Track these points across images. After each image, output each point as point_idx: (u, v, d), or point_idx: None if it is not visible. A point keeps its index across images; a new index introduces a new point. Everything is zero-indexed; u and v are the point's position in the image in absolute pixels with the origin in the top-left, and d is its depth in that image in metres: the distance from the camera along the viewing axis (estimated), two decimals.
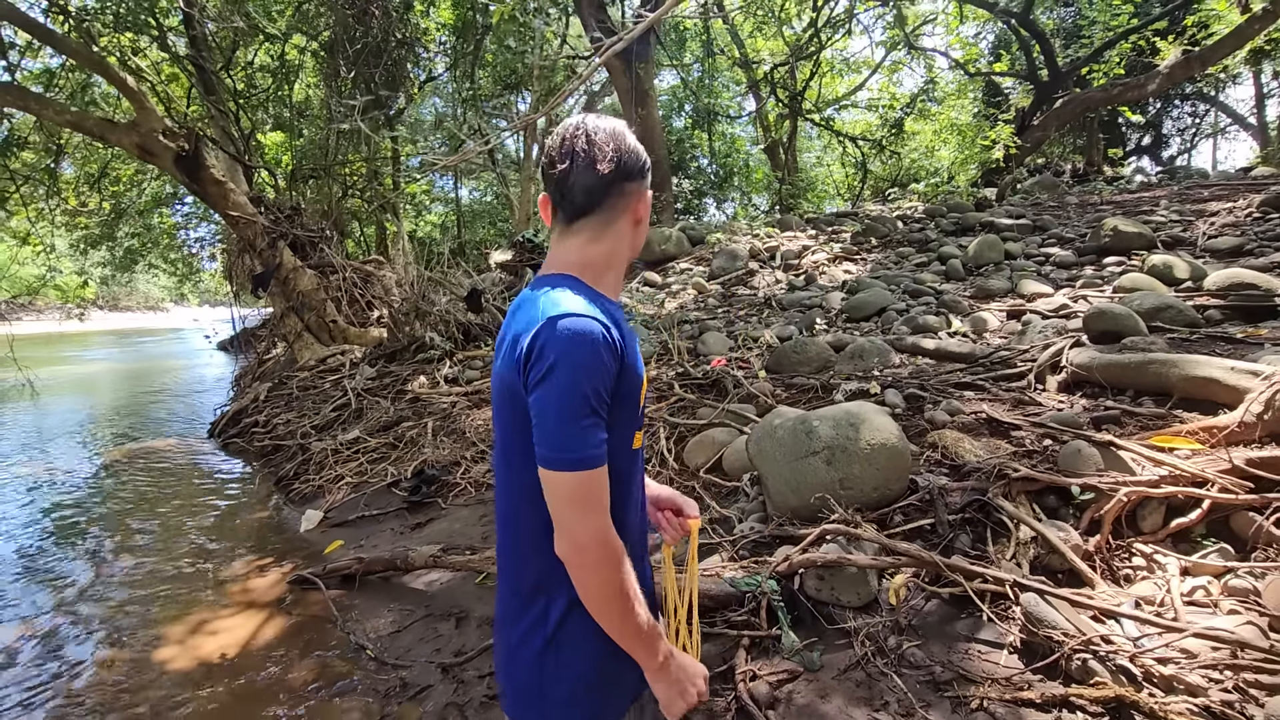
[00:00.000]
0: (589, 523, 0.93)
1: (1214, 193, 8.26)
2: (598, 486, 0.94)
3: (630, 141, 1.10)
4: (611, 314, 1.03)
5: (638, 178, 1.11)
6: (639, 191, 1.12)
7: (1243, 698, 1.75)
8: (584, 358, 0.92)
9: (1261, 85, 18.31)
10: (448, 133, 13.04)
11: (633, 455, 1.10)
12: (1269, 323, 3.80)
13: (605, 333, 0.95)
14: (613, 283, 1.13)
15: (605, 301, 1.07)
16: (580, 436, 0.92)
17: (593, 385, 0.93)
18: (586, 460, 0.92)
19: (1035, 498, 2.65)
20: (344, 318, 9.13)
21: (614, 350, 0.96)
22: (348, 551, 3.84)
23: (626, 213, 1.11)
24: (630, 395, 1.03)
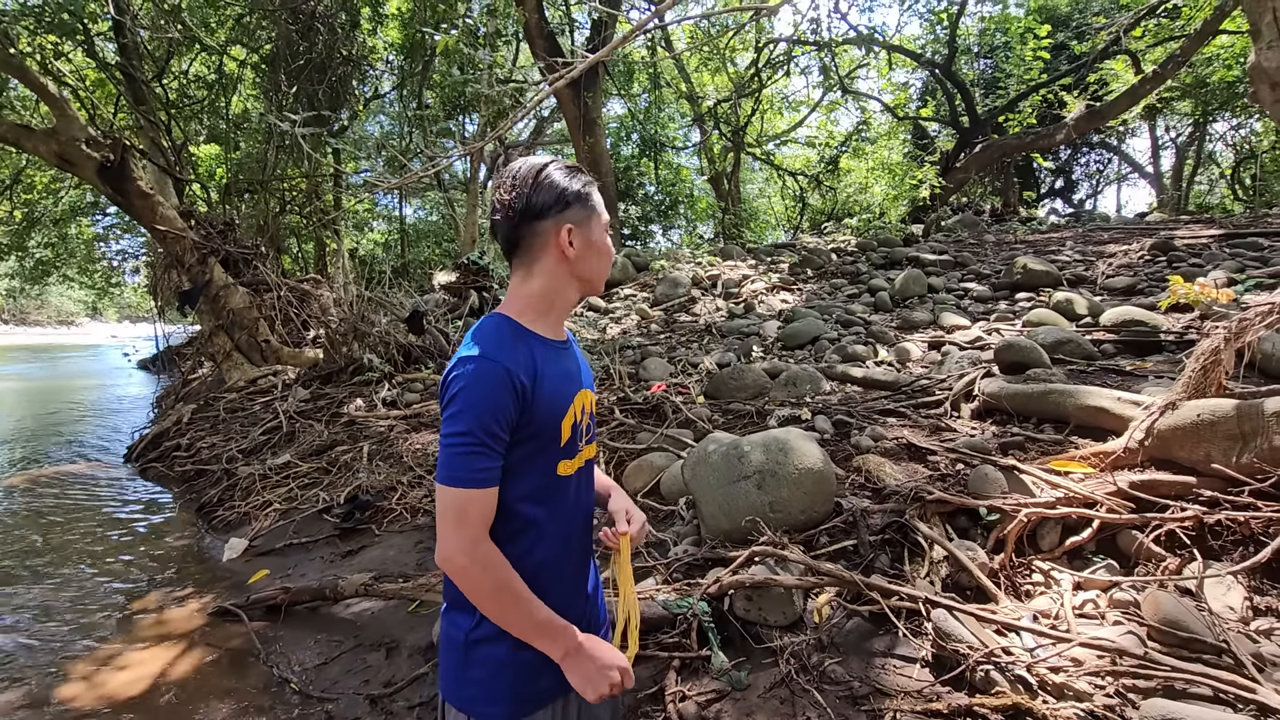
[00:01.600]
0: (455, 537, 1.06)
1: (1113, 236, 9.00)
2: (473, 506, 1.06)
3: (542, 179, 1.15)
4: (530, 356, 1.12)
5: (550, 214, 1.15)
6: (555, 228, 1.16)
7: (1122, 701, 1.92)
8: (479, 396, 1.05)
9: (1156, 138, 20.08)
10: (393, 152, 12.89)
11: (561, 482, 1.19)
12: (1154, 357, 4.18)
13: (507, 376, 1.06)
14: (554, 320, 1.22)
15: (534, 341, 1.15)
16: (464, 460, 1.05)
17: (483, 422, 1.05)
18: (464, 481, 1.05)
19: (948, 519, 2.82)
20: (277, 337, 8.84)
21: (516, 392, 1.07)
22: (274, 581, 3.71)
23: (547, 250, 1.16)
24: (547, 428, 1.13)
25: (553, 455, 1.16)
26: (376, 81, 16.06)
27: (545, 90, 4.42)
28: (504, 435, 1.08)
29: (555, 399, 1.14)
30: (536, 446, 1.13)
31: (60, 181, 14.56)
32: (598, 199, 1.23)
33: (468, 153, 8.91)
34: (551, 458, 1.16)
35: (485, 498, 1.07)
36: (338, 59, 12.15)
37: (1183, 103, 15.98)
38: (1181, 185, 18.34)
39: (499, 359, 1.07)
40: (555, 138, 20.79)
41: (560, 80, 3.29)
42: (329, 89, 12.13)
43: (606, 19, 11.75)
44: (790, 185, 18.10)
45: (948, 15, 13.20)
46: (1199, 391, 2.73)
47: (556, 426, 1.15)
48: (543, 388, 1.12)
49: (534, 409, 1.10)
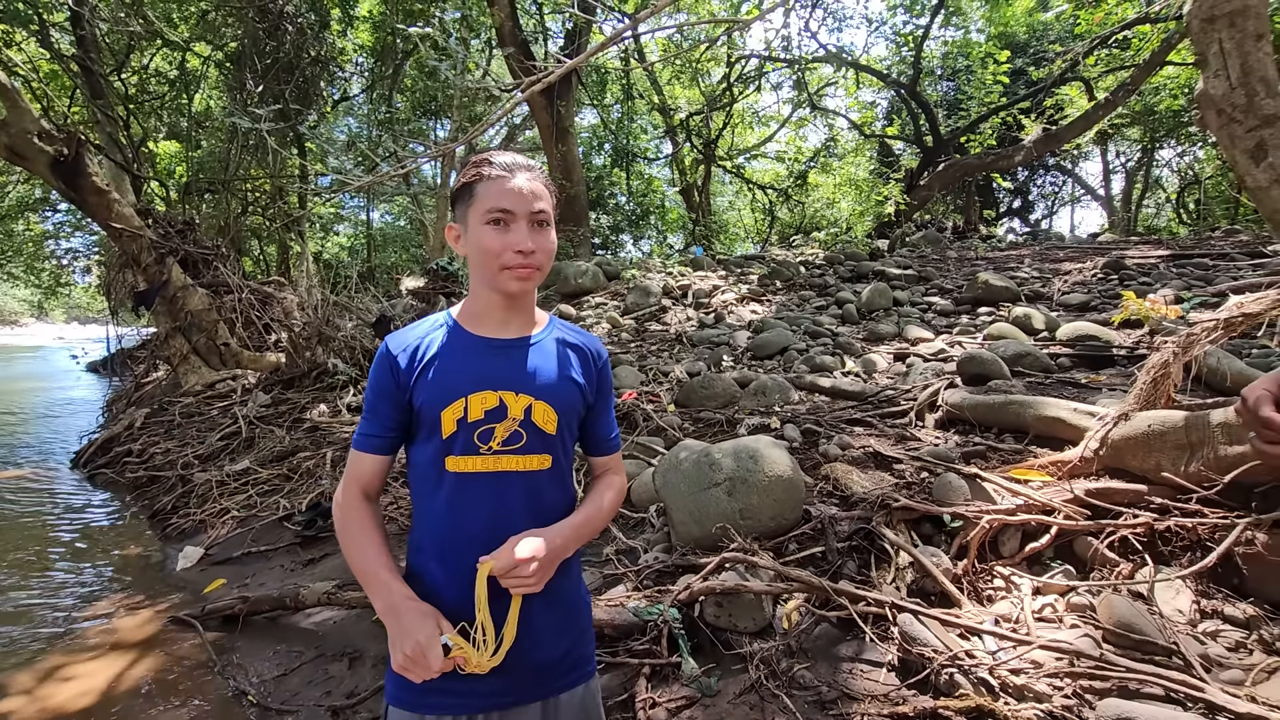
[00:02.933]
0: (339, 488, 1.22)
1: (1068, 254, 9.34)
2: (351, 464, 1.21)
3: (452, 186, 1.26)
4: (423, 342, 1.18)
5: (452, 213, 1.23)
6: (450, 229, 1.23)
7: (1080, 701, 1.98)
8: (372, 369, 1.21)
9: (1108, 162, 20.95)
10: (361, 154, 12.70)
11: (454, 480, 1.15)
12: (1107, 370, 4.35)
13: (386, 354, 1.18)
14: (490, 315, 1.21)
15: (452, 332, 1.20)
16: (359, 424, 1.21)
17: (369, 390, 1.20)
18: (354, 441, 1.21)
19: (913, 525, 2.88)
20: (238, 340, 8.60)
21: (390, 370, 1.17)
22: (231, 590, 3.59)
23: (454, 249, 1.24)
24: (425, 414, 1.16)
25: (438, 446, 1.16)
26: (345, 83, 15.83)
27: (519, 96, 4.42)
28: (384, 409, 1.18)
29: (439, 386, 1.14)
30: (422, 434, 1.19)
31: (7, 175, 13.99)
32: (482, 188, 1.12)
33: (437, 155, 8.84)
34: (437, 449, 1.16)
35: (359, 459, 1.20)
36: (306, 59, 11.95)
37: (1132, 129, 16.73)
38: (1131, 208, 19.16)
39: (388, 342, 1.19)
40: (527, 145, 20.75)
41: (534, 85, 3.29)
42: (296, 89, 11.91)
43: (581, 27, 11.81)
44: (760, 198, 18.36)
45: (913, 38, 13.61)
46: (1149, 403, 2.84)
47: (435, 415, 1.14)
48: (427, 372, 1.16)
49: (414, 390, 1.16)
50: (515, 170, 1.14)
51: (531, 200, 1.13)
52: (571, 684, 1.26)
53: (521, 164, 1.16)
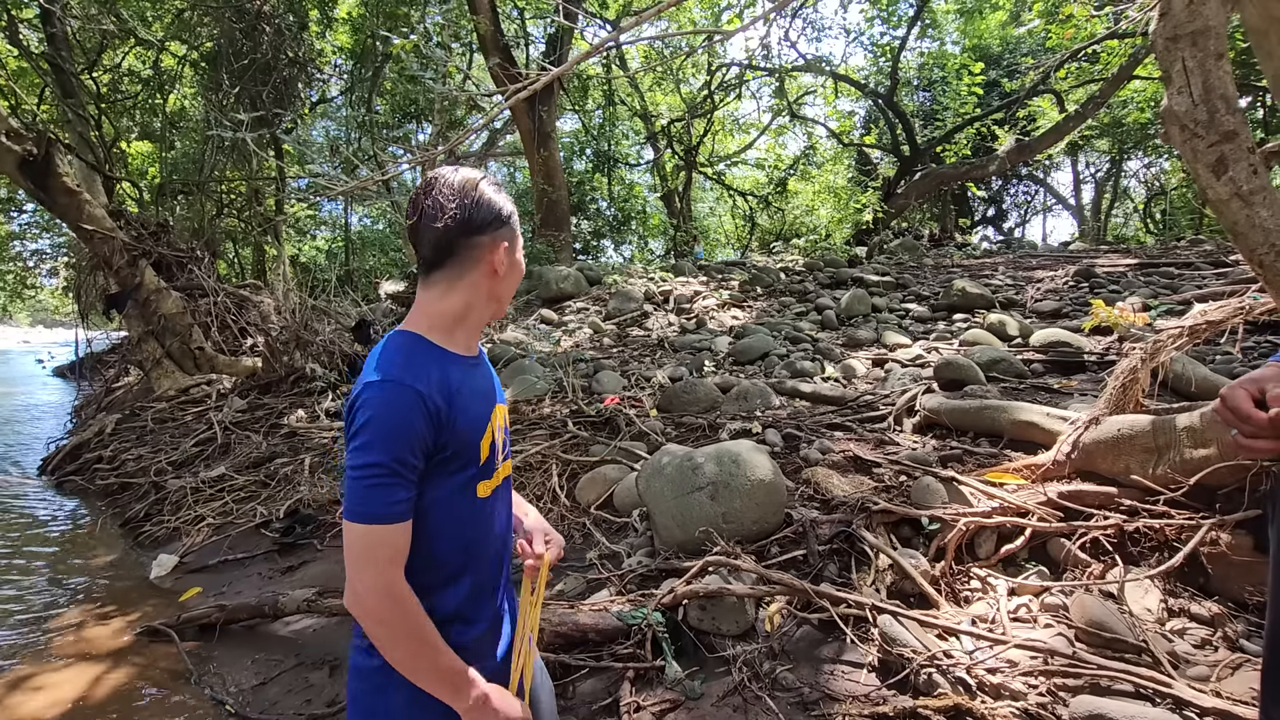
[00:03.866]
0: (369, 577, 0.98)
1: (1040, 262, 9.56)
2: (387, 542, 0.99)
3: (479, 194, 1.12)
4: (444, 375, 1.07)
5: (489, 230, 1.12)
6: (491, 244, 1.13)
7: (1054, 699, 2.03)
8: (391, 424, 0.99)
9: (1078, 173, 21.47)
10: (341, 157, 12.58)
11: (478, 504, 1.15)
12: (1078, 375, 4.46)
13: (419, 400, 1.01)
14: (464, 337, 1.16)
15: (446, 360, 1.10)
16: (374, 493, 0.98)
17: (395, 451, 0.98)
18: (375, 516, 0.98)
19: (892, 528, 2.93)
20: (213, 345, 8.46)
21: (430, 416, 1.02)
22: (207, 599, 3.53)
23: (479, 265, 1.13)
24: (464, 451, 1.09)
25: (472, 476, 1.12)
26: (324, 85, 15.69)
27: (502, 104, 4.43)
28: (418, 463, 1.02)
29: (473, 417, 1.11)
30: (456, 468, 1.09)
31: None
32: (517, 222, 1.22)
33: (421, 162, 8.80)
34: (471, 479, 1.12)
35: (397, 533, 1.00)
36: (284, 60, 11.82)
37: (1101, 141, 17.18)
38: (1100, 217, 19.64)
39: (409, 382, 1.01)
40: (508, 150, 20.71)
41: (518, 94, 3.31)
42: (274, 91, 11.77)
43: (564, 33, 11.84)
44: (740, 205, 18.52)
45: (890, 49, 13.86)
46: (1119, 408, 2.93)
47: (476, 446, 1.11)
48: (459, 407, 1.07)
49: (452, 430, 1.06)
50: None
51: None
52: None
53: None
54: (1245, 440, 0.99)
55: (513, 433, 4.81)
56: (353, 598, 1.00)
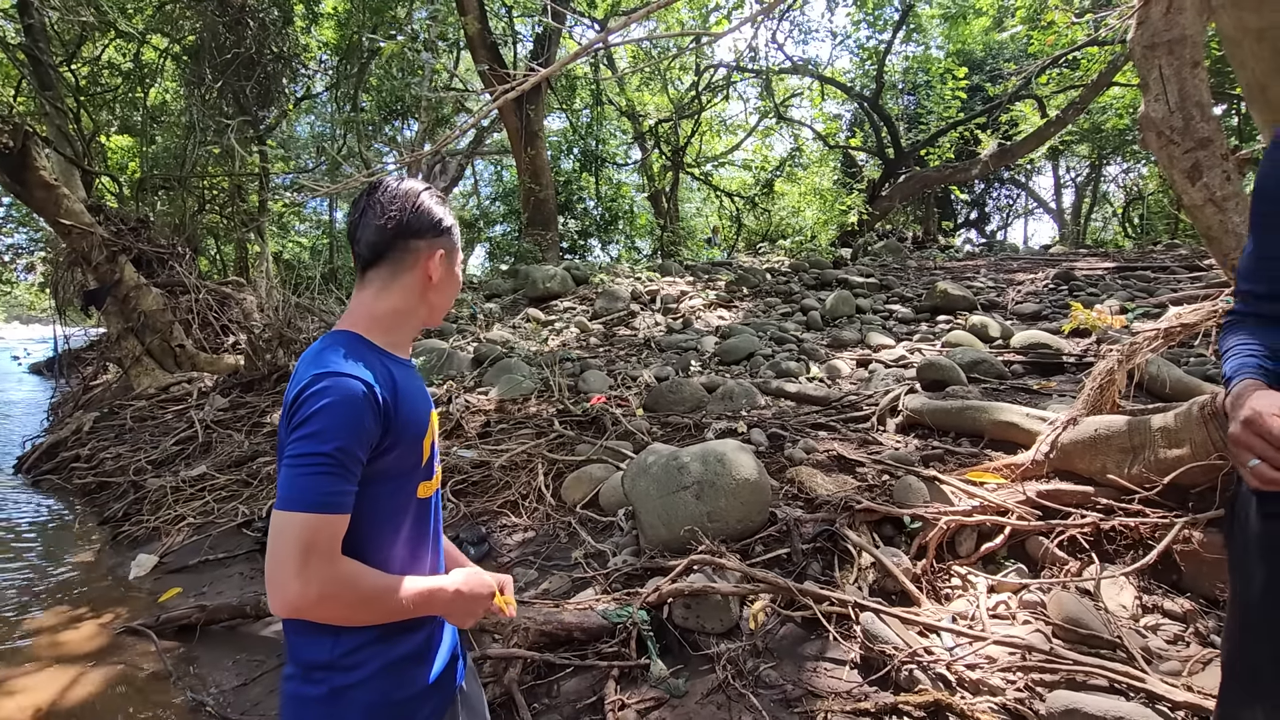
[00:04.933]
0: (306, 569, 0.93)
1: (1021, 265, 9.70)
2: (331, 533, 0.97)
3: (421, 202, 1.15)
4: (387, 372, 1.08)
5: (426, 235, 1.14)
6: (428, 250, 1.14)
7: (1031, 694, 2.07)
8: (342, 415, 0.97)
9: (1059, 177, 21.79)
10: (326, 155, 12.48)
11: (420, 505, 1.17)
12: (1057, 376, 4.54)
13: (367, 393, 1.00)
14: (399, 340, 1.17)
15: (385, 358, 1.11)
16: (317, 481, 0.95)
17: (345, 443, 0.97)
18: (316, 504, 0.95)
19: (875, 527, 2.96)
20: (194, 342, 8.35)
21: (378, 411, 1.01)
22: (187, 599, 3.49)
23: (414, 269, 1.15)
24: (407, 450, 1.09)
25: (414, 477, 1.13)
26: (309, 81, 15.53)
27: (490, 103, 4.42)
28: (362, 457, 1.01)
29: (416, 416, 1.12)
30: (399, 466, 1.08)
31: None
32: (457, 233, 1.24)
33: (408, 162, 8.74)
34: (413, 479, 1.13)
35: (336, 523, 0.97)
36: (268, 55, 11.69)
37: (1081, 146, 17.45)
38: (1080, 221, 19.94)
39: (360, 375, 1.01)
40: (495, 148, 20.64)
41: (506, 95, 3.30)
42: (257, 86, 11.64)
43: (552, 33, 11.82)
44: (727, 205, 18.59)
45: (876, 52, 13.97)
46: (1096, 409, 2.98)
47: (418, 444, 1.12)
48: (403, 404, 1.08)
49: (397, 427, 1.06)
50: None
51: None
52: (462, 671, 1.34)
53: None
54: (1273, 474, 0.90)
55: (498, 431, 4.80)
56: (290, 597, 0.93)
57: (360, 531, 1.04)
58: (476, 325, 8.16)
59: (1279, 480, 0.89)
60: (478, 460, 4.30)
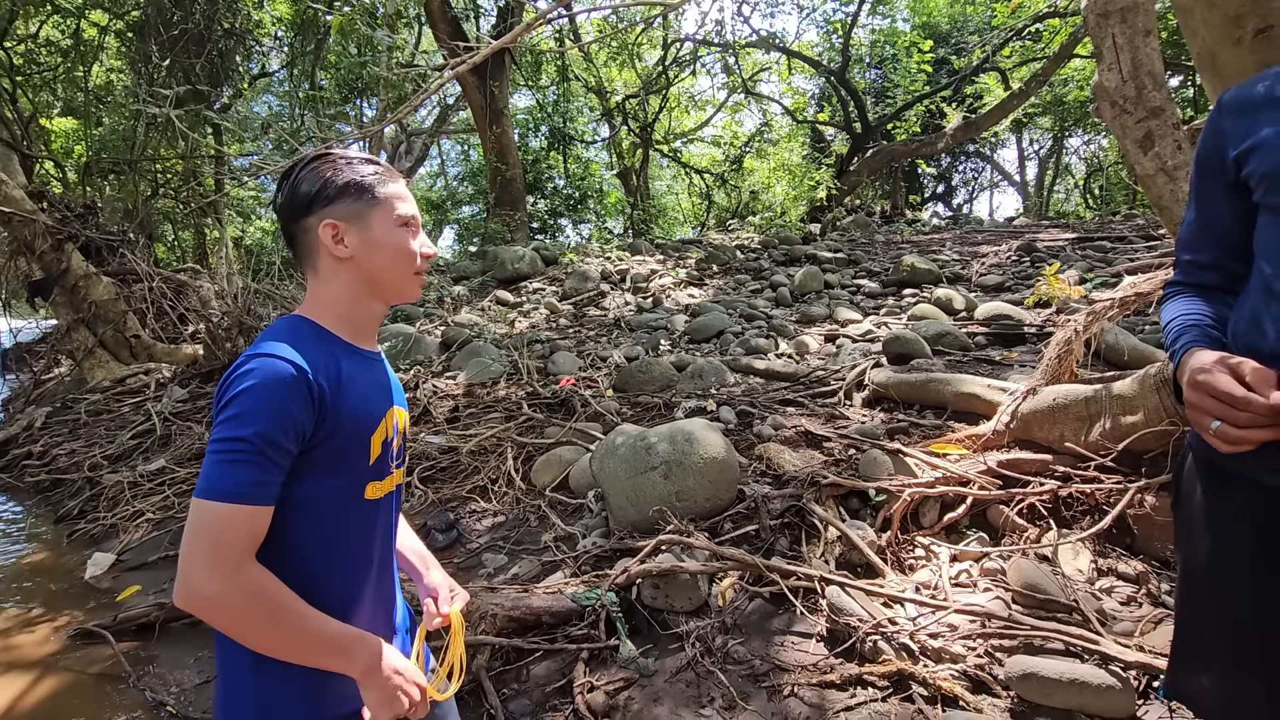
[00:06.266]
0: (210, 562, 0.87)
1: (985, 238, 9.82)
2: (237, 525, 0.88)
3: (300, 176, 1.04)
4: (333, 360, 1.01)
5: (313, 209, 1.03)
6: (319, 224, 1.03)
7: (990, 660, 2.11)
8: (264, 399, 0.90)
9: (1023, 150, 22.06)
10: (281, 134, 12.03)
11: (364, 507, 1.07)
12: (1019, 347, 4.61)
13: (300, 377, 0.93)
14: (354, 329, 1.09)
15: (337, 346, 1.04)
16: (234, 470, 0.88)
17: (265, 428, 0.89)
18: (230, 494, 0.88)
19: (841, 501, 2.99)
20: (150, 333, 8.09)
21: (310, 398, 0.94)
22: (147, 597, 3.40)
23: (318, 249, 1.04)
24: (353, 442, 1.02)
25: (360, 475, 1.04)
26: (263, 58, 14.97)
27: (448, 75, 4.28)
28: (289, 446, 0.92)
29: (363, 408, 1.03)
30: (339, 463, 1.00)
31: None
32: (390, 189, 1.07)
33: (364, 136, 8.49)
34: (358, 478, 1.04)
35: (254, 516, 0.89)
36: (218, 31, 11.21)
37: (1044, 119, 17.65)
38: (1043, 193, 20.25)
39: (291, 358, 0.93)
40: (460, 126, 20.20)
41: (463, 64, 3.20)
42: (208, 64, 11.17)
43: (514, 6, 11.53)
44: (697, 183, 18.48)
45: (842, 25, 13.90)
46: (1055, 378, 3.03)
47: (365, 440, 1.03)
48: (347, 394, 1.00)
49: (336, 420, 0.98)
50: (398, 175, 1.12)
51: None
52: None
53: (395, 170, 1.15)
54: (1237, 432, 0.85)
55: (467, 415, 4.74)
56: (189, 591, 0.87)
57: (294, 530, 0.97)
58: (444, 308, 8.02)
59: (1244, 438, 0.85)
60: (446, 446, 4.25)
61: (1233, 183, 1.05)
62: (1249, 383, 0.85)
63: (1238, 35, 1.76)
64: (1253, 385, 0.85)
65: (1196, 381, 0.91)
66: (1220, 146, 1.06)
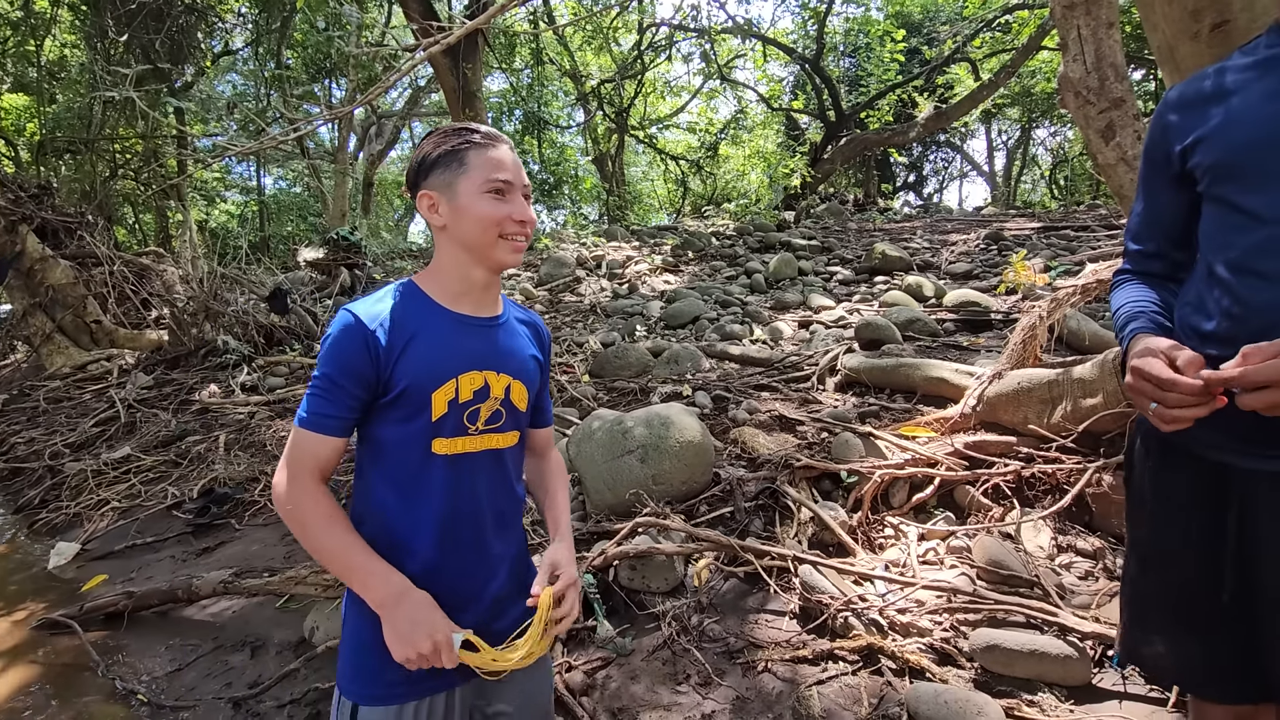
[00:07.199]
0: (283, 471, 1.07)
1: (955, 226, 10.00)
2: (305, 447, 1.07)
3: (424, 145, 1.14)
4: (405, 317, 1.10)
5: (420, 186, 1.14)
6: (424, 198, 1.14)
7: (956, 633, 2.19)
8: (332, 346, 1.07)
9: (991, 140, 22.41)
10: (247, 114, 11.70)
11: (434, 461, 1.11)
12: (986, 333, 4.73)
13: (360, 329, 1.07)
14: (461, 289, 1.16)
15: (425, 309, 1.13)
16: (308, 401, 1.08)
17: (329, 365, 1.07)
18: (302, 420, 1.07)
19: (814, 483, 3.05)
20: (111, 318, 7.85)
21: (366, 347, 1.07)
22: (114, 586, 3.34)
23: (428, 221, 1.16)
24: (412, 396, 1.09)
25: (424, 428, 1.10)
26: (227, 35, 14.50)
27: (419, 55, 4.21)
28: (350, 388, 1.07)
29: (430, 365, 1.09)
30: (404, 413, 1.09)
31: None
32: (479, 156, 1.12)
33: (333, 118, 8.30)
34: (423, 431, 1.10)
35: (316, 441, 1.07)
36: (179, 6, 10.82)
37: (1012, 110, 17.94)
38: (1010, 183, 20.63)
39: (358, 313, 1.08)
40: (433, 109, 19.82)
41: (435, 45, 3.15)
42: (168, 40, 10.79)
43: None
44: (673, 169, 18.44)
45: (817, 13, 13.93)
46: (1020, 363, 3.12)
47: (426, 397, 1.09)
48: (414, 351, 1.09)
49: (396, 370, 1.08)
50: (500, 141, 1.16)
51: (522, 172, 1.17)
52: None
53: (502, 136, 1.18)
54: (1171, 411, 0.93)
55: None
56: (274, 489, 1.09)
57: (371, 468, 1.14)
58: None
59: (1179, 418, 0.93)
60: None
61: (1178, 175, 1.10)
62: (1179, 366, 0.93)
63: (1195, 29, 1.82)
64: (1182, 369, 0.93)
65: (1133, 367, 0.99)
66: (1166, 141, 1.11)
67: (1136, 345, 1.03)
